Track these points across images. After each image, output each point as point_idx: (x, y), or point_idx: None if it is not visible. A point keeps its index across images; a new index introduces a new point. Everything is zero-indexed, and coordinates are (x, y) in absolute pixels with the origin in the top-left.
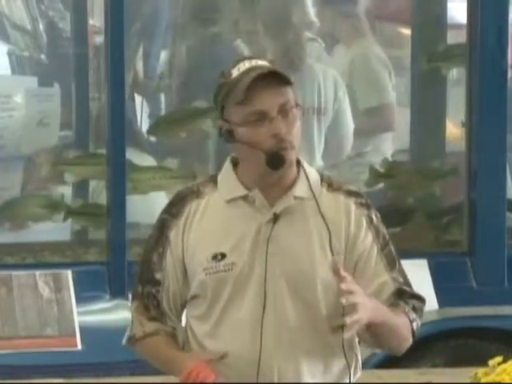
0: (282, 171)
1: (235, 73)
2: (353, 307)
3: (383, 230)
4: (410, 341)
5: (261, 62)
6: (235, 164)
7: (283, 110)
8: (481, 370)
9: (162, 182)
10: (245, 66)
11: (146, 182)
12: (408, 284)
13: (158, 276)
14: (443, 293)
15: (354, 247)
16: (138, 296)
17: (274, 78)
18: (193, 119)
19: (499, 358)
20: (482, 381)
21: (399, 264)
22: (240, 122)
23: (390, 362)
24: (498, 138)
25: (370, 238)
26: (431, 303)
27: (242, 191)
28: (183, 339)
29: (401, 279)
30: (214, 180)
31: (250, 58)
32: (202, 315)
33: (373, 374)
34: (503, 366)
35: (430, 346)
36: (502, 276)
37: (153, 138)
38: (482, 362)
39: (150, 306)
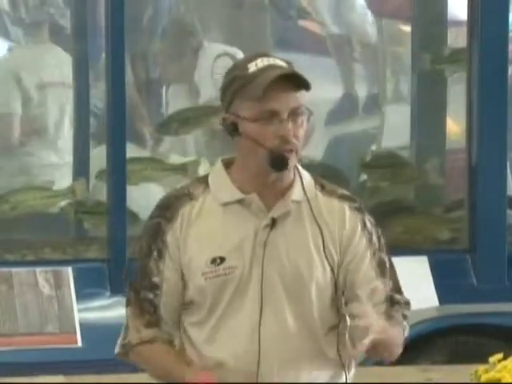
0: (281, 173)
1: (252, 68)
2: (365, 330)
3: (376, 235)
4: (399, 351)
5: (279, 61)
6: (227, 166)
7: (294, 114)
8: (481, 367)
9: (153, 174)
10: (263, 62)
11: (137, 172)
12: (398, 289)
13: (155, 280)
14: (443, 290)
15: (347, 251)
16: (133, 302)
17: (291, 81)
18: (206, 118)
19: (499, 355)
20: (483, 378)
21: (391, 268)
22: (250, 117)
23: None
24: (498, 135)
25: (363, 242)
26: (431, 300)
27: (238, 195)
28: (180, 347)
29: (391, 285)
30: (204, 182)
31: (267, 56)
32: (199, 321)
33: (372, 370)
34: (503, 363)
35: (431, 342)
36: (502, 273)
37: (162, 136)
38: (482, 359)
39: (146, 312)
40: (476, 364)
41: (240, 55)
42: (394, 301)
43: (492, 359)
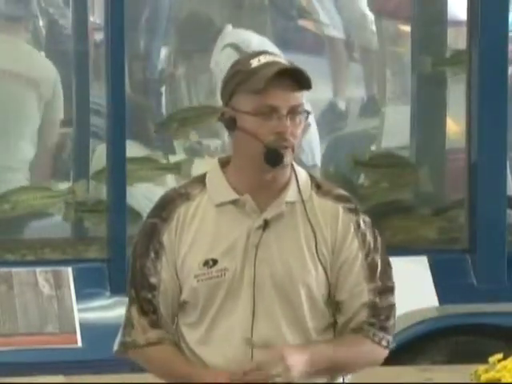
0: (276, 170)
1: (255, 63)
2: (287, 369)
3: (371, 235)
4: (379, 359)
5: (282, 59)
6: (223, 165)
7: (293, 112)
8: (481, 367)
9: (149, 174)
10: (266, 58)
11: (133, 172)
12: (390, 290)
13: (153, 280)
14: (443, 290)
15: (339, 252)
16: (135, 299)
17: (293, 79)
18: (206, 118)
19: (499, 355)
20: (482, 378)
21: (388, 269)
22: (249, 111)
23: (390, 358)
24: (498, 135)
25: (355, 244)
26: (431, 300)
27: (233, 195)
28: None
29: (380, 286)
30: (202, 181)
31: (270, 53)
32: (193, 322)
33: (371, 370)
34: (503, 362)
35: (430, 342)
36: (502, 273)
37: (161, 135)
38: (482, 359)
39: (147, 312)
40: (476, 364)
41: (249, 45)
42: (373, 306)
43: (492, 359)
